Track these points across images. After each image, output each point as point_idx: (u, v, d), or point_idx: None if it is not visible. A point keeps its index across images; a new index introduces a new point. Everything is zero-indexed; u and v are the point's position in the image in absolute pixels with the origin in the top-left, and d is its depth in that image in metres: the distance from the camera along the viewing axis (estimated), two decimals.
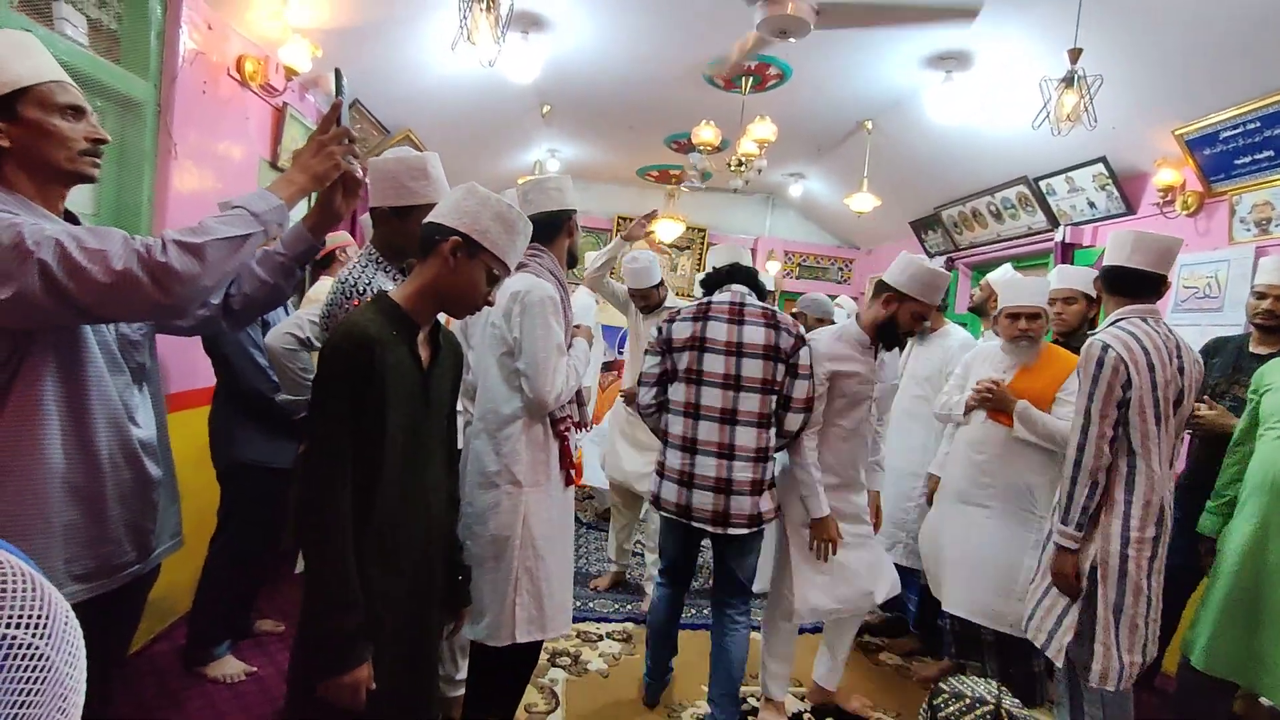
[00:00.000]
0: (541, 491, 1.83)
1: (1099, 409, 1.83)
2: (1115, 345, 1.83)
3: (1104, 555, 1.85)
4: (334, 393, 1.18)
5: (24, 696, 0.46)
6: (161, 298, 1.10)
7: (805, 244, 7.43)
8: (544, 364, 1.75)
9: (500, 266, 1.34)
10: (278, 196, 1.27)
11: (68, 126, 1.15)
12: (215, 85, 2.65)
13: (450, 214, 1.31)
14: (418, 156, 1.62)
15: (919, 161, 4.82)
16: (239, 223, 1.20)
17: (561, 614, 1.87)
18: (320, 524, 1.16)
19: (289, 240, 1.40)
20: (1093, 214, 3.93)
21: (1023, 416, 2.32)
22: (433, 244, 1.29)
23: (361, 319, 1.22)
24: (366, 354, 1.18)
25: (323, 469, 1.17)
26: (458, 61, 3.61)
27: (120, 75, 2.23)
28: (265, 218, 1.24)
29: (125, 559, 1.28)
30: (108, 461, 1.22)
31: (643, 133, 5.49)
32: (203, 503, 2.51)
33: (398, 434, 1.24)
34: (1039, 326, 2.41)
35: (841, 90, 4.28)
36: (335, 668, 1.15)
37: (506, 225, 1.32)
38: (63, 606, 0.50)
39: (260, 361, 2.24)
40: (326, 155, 1.32)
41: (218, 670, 2.30)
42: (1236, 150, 2.97)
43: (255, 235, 1.22)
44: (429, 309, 1.32)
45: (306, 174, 1.31)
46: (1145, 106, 3.20)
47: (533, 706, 2.35)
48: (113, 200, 2.27)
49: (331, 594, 1.16)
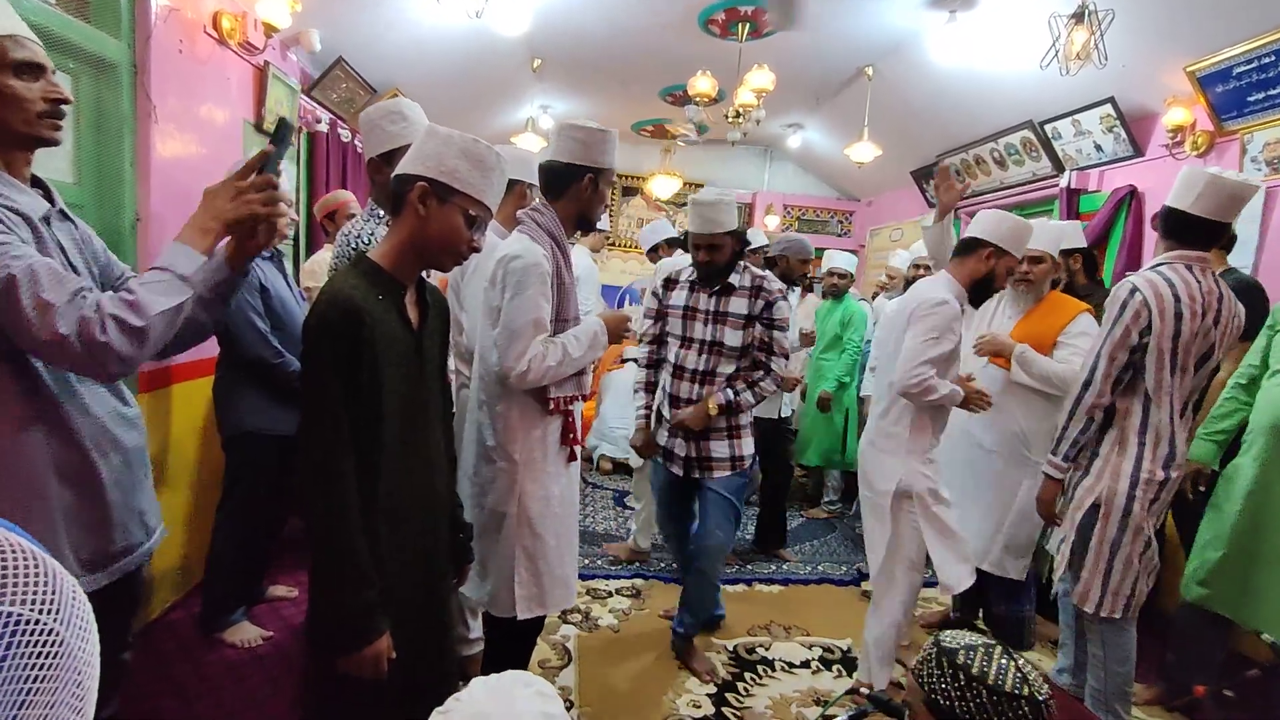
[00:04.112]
0: (538, 469, 1.74)
1: (1109, 349, 1.82)
2: (1144, 289, 1.78)
3: (1110, 493, 1.86)
4: (326, 364, 1.13)
5: (38, 672, 0.45)
6: (95, 372, 1.10)
7: (804, 197, 7.31)
8: (514, 337, 1.64)
9: (477, 207, 1.24)
10: (198, 251, 1.19)
11: (22, 86, 1.08)
12: (192, 44, 2.54)
13: (413, 161, 1.22)
14: (394, 100, 1.68)
15: (921, 108, 4.69)
16: (173, 290, 1.14)
17: (562, 589, 1.82)
18: (328, 500, 1.13)
19: (208, 274, 1.29)
20: (1099, 158, 3.85)
21: (1020, 359, 2.33)
22: (403, 197, 1.21)
23: (345, 285, 1.15)
24: (355, 323, 1.12)
25: (323, 443, 1.14)
26: (445, 14, 3.49)
27: (91, 35, 2.13)
28: (194, 280, 1.17)
29: (131, 541, 1.28)
30: (94, 447, 1.20)
31: (637, 86, 5.34)
32: (210, 472, 2.52)
33: (395, 399, 1.21)
34: (1041, 271, 2.40)
35: (841, 35, 4.14)
36: (356, 643, 1.15)
37: (475, 161, 1.21)
38: (70, 583, 0.48)
39: (261, 328, 2.22)
40: (242, 203, 1.22)
41: (235, 635, 2.34)
42: (1249, 86, 2.88)
43: (187, 301, 1.16)
44: (411, 266, 1.25)
45: (219, 221, 1.21)
46: (1156, 43, 3.10)
47: (546, 662, 2.40)
48: (94, 167, 2.20)
49: (346, 570, 1.14)
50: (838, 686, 2.38)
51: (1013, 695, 0.99)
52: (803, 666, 2.50)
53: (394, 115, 1.64)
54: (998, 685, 1.00)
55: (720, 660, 2.50)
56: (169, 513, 2.39)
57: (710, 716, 2.18)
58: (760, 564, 3.40)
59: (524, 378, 1.64)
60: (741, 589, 3.12)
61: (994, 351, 2.41)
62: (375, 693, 1.23)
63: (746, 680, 2.38)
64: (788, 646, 2.63)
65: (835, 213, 7.35)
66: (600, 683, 2.32)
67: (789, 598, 3.06)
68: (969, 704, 1.01)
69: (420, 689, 1.29)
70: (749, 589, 3.14)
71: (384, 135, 1.64)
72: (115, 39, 2.21)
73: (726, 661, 2.49)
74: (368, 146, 1.69)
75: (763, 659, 2.53)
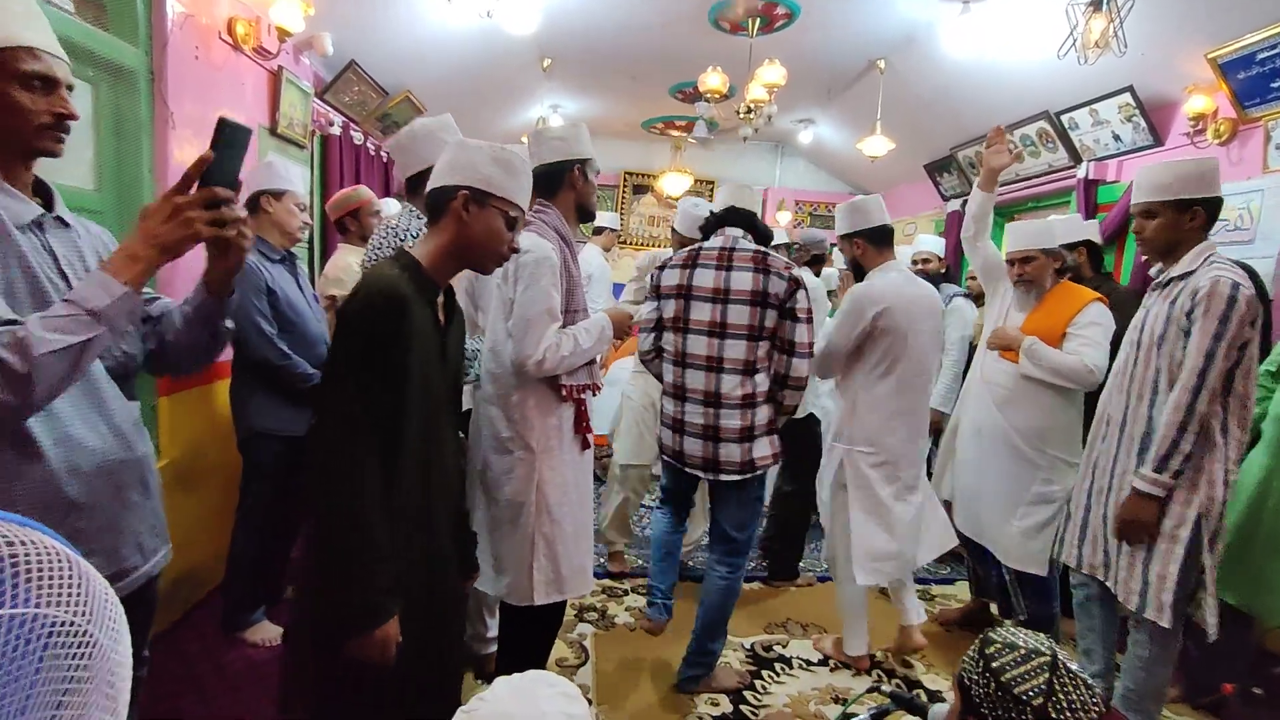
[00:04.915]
0: (555, 457, 1.80)
1: (1225, 350, 1.69)
2: (1244, 284, 1.71)
3: (1207, 504, 1.73)
4: (364, 345, 1.16)
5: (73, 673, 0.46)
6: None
7: (816, 192, 7.27)
8: (529, 327, 1.70)
9: (514, 209, 1.33)
10: (120, 283, 1.01)
11: (26, 98, 1.06)
12: (208, 50, 2.57)
13: (448, 173, 1.29)
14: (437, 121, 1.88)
15: (934, 101, 4.64)
16: (76, 327, 0.98)
17: (579, 575, 1.87)
18: (349, 477, 1.15)
19: (192, 295, 1.24)
20: (1118, 148, 3.79)
21: (1029, 352, 2.31)
22: (442, 207, 1.28)
23: (389, 274, 1.20)
24: (398, 311, 1.17)
25: (349, 422, 1.15)
26: (455, 15, 3.50)
27: (110, 43, 2.16)
28: (107, 314, 0.99)
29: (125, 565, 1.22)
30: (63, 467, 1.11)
31: (647, 83, 5.33)
32: (231, 473, 2.55)
33: (417, 393, 1.23)
34: (1034, 269, 2.38)
35: (852, 28, 4.10)
36: (367, 624, 1.15)
37: (505, 167, 1.30)
38: (101, 585, 0.49)
39: (267, 330, 2.23)
40: (182, 223, 1.03)
41: (256, 635, 2.37)
42: (1273, 72, 2.82)
43: (97, 338, 1.00)
44: (450, 268, 1.32)
45: (153, 246, 1.03)
46: (1176, 29, 3.04)
47: (563, 660, 2.40)
48: (113, 174, 2.23)
49: (363, 547, 1.14)
50: (856, 684, 2.37)
51: (1020, 700, 0.98)
52: (821, 664, 2.49)
53: (449, 128, 1.91)
54: (1009, 684, 1.00)
55: (738, 658, 2.49)
56: (190, 514, 2.44)
57: (729, 714, 2.17)
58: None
59: (541, 365, 1.70)
60: (757, 586, 3.11)
61: (1004, 345, 2.40)
62: (376, 691, 1.23)
63: (764, 678, 2.38)
64: (805, 644, 2.62)
65: None
66: (618, 681, 2.32)
67: (805, 595, 3.04)
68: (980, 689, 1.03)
69: (421, 689, 1.30)
70: (764, 586, 3.13)
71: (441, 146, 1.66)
72: (133, 46, 2.24)
73: (744, 659, 2.49)
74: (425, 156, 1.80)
75: (780, 657, 2.52)
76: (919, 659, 2.54)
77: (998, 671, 1.02)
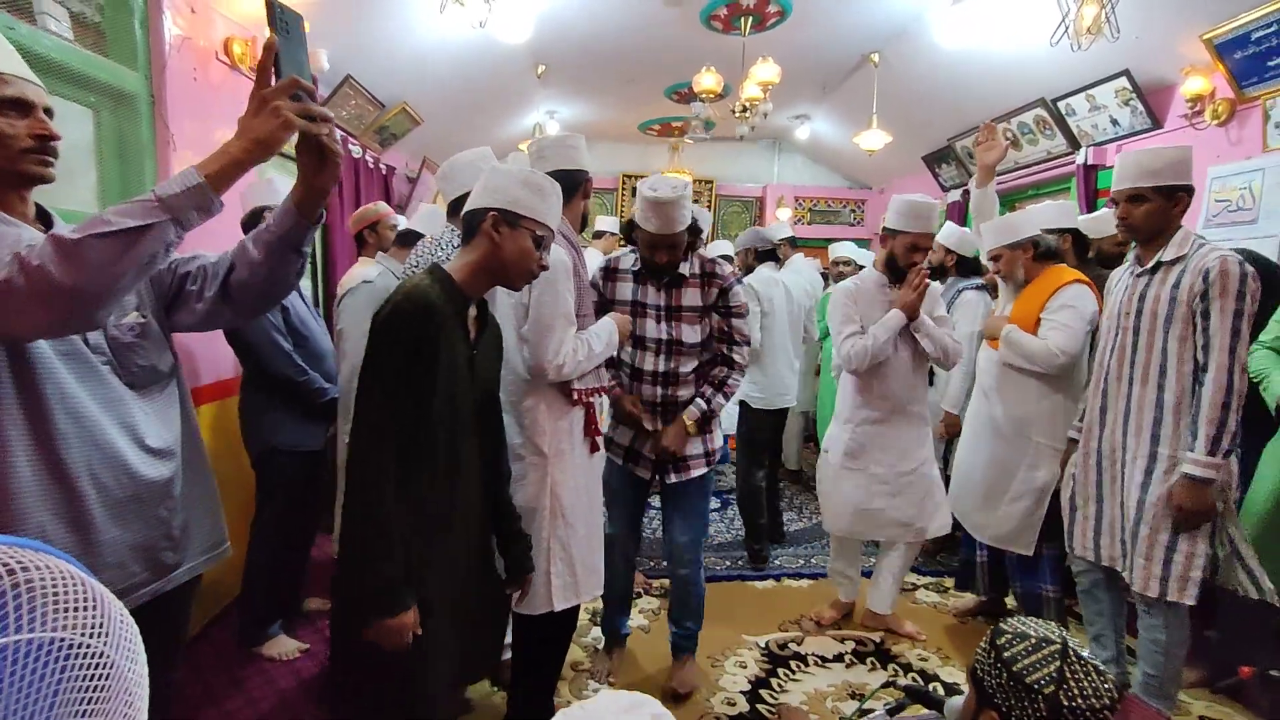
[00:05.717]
0: (566, 460, 1.81)
1: (1247, 328, 1.73)
2: (1247, 263, 1.75)
3: (1227, 478, 1.78)
4: (392, 352, 1.22)
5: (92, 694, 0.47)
6: (43, 311, 0.95)
7: (815, 188, 7.26)
8: (546, 331, 1.70)
9: (542, 228, 1.39)
10: (199, 175, 1.00)
11: (3, 123, 1.05)
12: (205, 71, 2.59)
13: (481, 197, 1.37)
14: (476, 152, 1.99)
15: (929, 92, 4.64)
16: (137, 210, 0.97)
17: (593, 577, 1.89)
18: (375, 474, 1.21)
19: (277, 216, 1.19)
20: (1116, 132, 3.77)
21: (1005, 339, 2.36)
22: (475, 227, 1.36)
23: (423, 285, 1.27)
24: (428, 319, 1.23)
25: (375, 431, 1.22)
26: (448, 26, 3.51)
27: (109, 68, 2.18)
28: (173, 202, 0.98)
29: (133, 581, 1.22)
30: (88, 481, 1.12)
31: (642, 86, 5.34)
32: (240, 490, 2.57)
33: (444, 402, 1.29)
34: (1004, 264, 2.43)
35: (844, 23, 4.10)
36: (382, 611, 1.21)
37: (535, 189, 1.38)
38: (116, 606, 0.50)
39: (285, 346, 2.25)
40: (271, 112, 1.02)
41: (273, 649, 2.38)
42: (1270, 51, 2.81)
43: (158, 226, 0.97)
44: (481, 283, 1.38)
45: (245, 139, 1.02)
46: (1170, 12, 3.03)
47: (579, 664, 2.41)
48: (118, 196, 2.25)
49: (379, 538, 1.21)
50: (873, 679, 2.36)
51: (1032, 689, 0.98)
52: (836, 660, 2.48)
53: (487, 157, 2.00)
54: (1020, 674, 1.00)
55: (752, 657, 2.49)
56: None
57: (745, 714, 2.17)
58: (787, 559, 3.39)
59: (560, 370, 1.72)
60: (770, 584, 3.11)
61: (991, 335, 2.47)
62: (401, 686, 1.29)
63: (780, 676, 2.37)
64: (820, 641, 2.61)
65: (847, 202, 7.28)
66: (632, 683, 2.33)
67: (818, 592, 3.03)
68: (992, 680, 1.04)
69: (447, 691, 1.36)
70: (778, 584, 3.12)
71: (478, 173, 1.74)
72: (133, 71, 2.26)
73: (759, 658, 2.49)
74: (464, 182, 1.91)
75: (795, 654, 2.51)
76: (935, 651, 2.53)
77: (1009, 661, 1.02)
